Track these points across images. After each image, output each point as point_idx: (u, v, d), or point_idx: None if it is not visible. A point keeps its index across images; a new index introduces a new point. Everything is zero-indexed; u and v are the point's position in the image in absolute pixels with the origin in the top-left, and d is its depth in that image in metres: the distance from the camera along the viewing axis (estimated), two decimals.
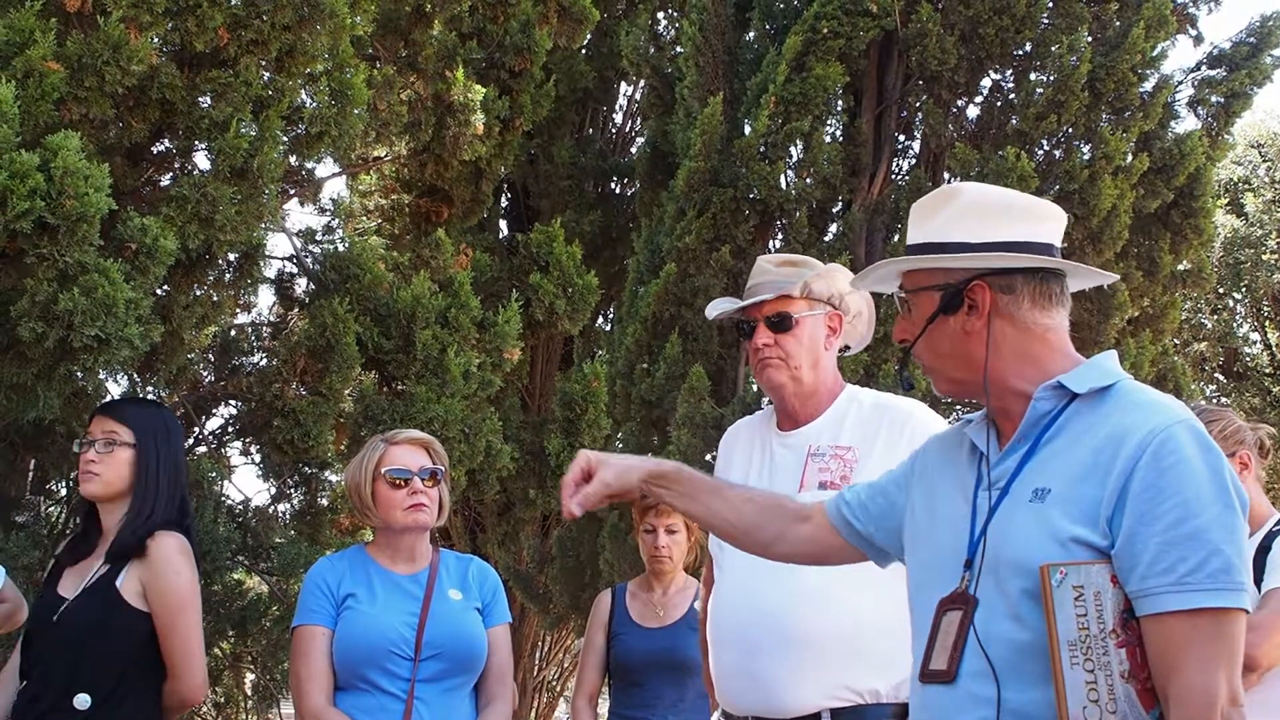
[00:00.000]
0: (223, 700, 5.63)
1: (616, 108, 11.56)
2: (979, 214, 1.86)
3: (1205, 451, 1.66)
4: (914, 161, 8.88)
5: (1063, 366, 1.83)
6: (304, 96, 4.82)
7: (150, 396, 5.14)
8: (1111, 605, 1.64)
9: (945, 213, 1.88)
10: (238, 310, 5.55)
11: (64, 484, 5.26)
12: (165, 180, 4.79)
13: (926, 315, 1.86)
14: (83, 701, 2.81)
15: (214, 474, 5.03)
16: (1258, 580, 2.92)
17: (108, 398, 5.08)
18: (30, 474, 5.10)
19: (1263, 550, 2.97)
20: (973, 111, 8.75)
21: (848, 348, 2.94)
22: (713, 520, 2.18)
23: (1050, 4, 8.06)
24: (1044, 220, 1.90)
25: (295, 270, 5.71)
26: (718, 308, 2.90)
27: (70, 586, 2.94)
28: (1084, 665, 1.62)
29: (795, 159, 8.17)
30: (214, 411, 5.70)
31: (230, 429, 5.61)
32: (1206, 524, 1.61)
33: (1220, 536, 1.61)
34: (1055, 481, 1.72)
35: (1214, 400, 14.33)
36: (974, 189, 1.92)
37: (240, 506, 5.38)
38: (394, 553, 3.14)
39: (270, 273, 5.63)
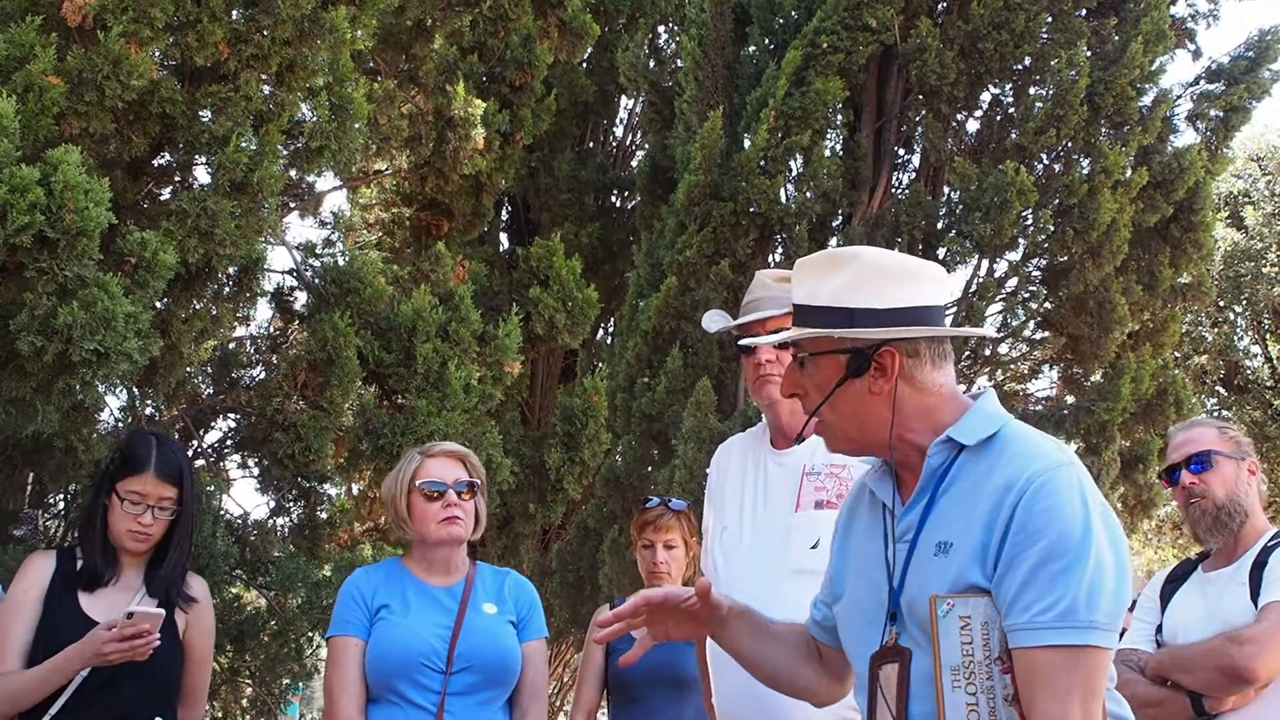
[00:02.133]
0: (220, 715, 5.61)
1: (617, 121, 11.59)
2: (879, 279, 1.90)
3: (1077, 496, 1.75)
4: (914, 175, 8.90)
5: (953, 414, 1.90)
6: (304, 111, 4.83)
7: (149, 410, 5.14)
8: (997, 635, 1.75)
9: (843, 276, 1.90)
10: (237, 324, 5.55)
11: (62, 498, 5.25)
12: (165, 194, 4.79)
13: (830, 378, 1.91)
14: None
15: (212, 488, 5.02)
16: (1255, 595, 2.92)
17: (106, 412, 5.08)
18: (28, 487, 5.08)
19: (1258, 565, 2.96)
20: (972, 126, 8.78)
21: None
22: (759, 664, 2.18)
23: (1049, 19, 8.09)
24: (937, 282, 1.95)
25: (295, 284, 5.72)
26: (716, 321, 2.90)
27: (102, 613, 2.96)
28: (965, 689, 1.74)
29: (795, 173, 8.19)
30: (213, 425, 5.68)
31: (229, 442, 5.60)
32: (1066, 566, 1.70)
33: (1075, 578, 1.69)
34: (954, 535, 1.81)
35: (1215, 414, 14.32)
36: (870, 253, 1.95)
37: (239, 520, 5.36)
38: (429, 565, 3.12)
39: (270, 286, 5.63)
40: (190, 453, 5.46)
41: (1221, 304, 14.33)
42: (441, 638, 2.99)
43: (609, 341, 11.10)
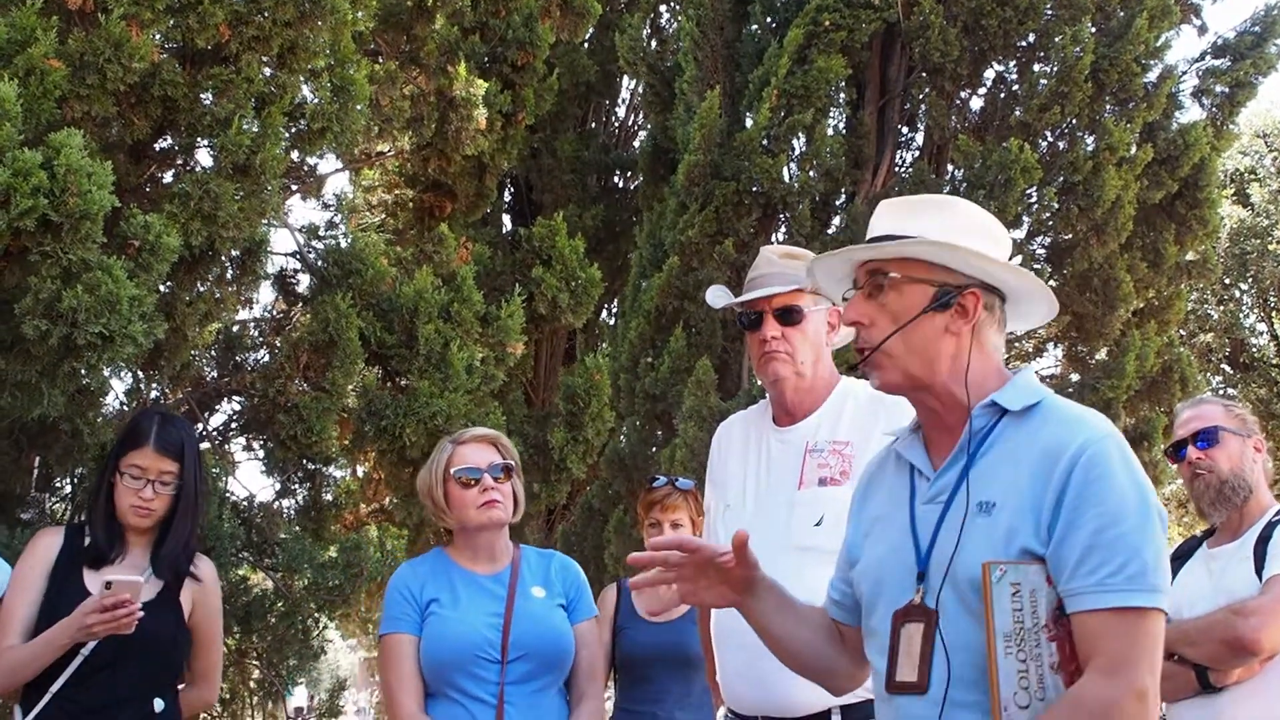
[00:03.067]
0: (228, 696, 5.63)
1: (619, 101, 11.57)
2: (980, 229, 1.97)
3: (1128, 465, 1.79)
4: (917, 154, 8.88)
5: (997, 383, 1.93)
6: (306, 92, 4.82)
7: (154, 393, 5.15)
8: (1045, 603, 1.76)
9: (947, 217, 1.96)
10: (240, 306, 5.55)
11: (69, 481, 5.27)
12: (168, 177, 4.79)
13: (912, 307, 1.92)
14: (159, 705, 3.05)
15: (217, 470, 5.03)
16: (1259, 569, 2.93)
17: (111, 395, 5.09)
18: (35, 471, 5.10)
19: (1263, 540, 2.98)
20: (976, 103, 8.75)
21: None
22: (783, 643, 2.15)
23: None
24: (1007, 251, 2.03)
25: (298, 266, 5.72)
26: (721, 297, 2.89)
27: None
28: (1017, 655, 1.75)
29: (798, 152, 8.17)
30: (217, 408, 5.70)
31: (234, 425, 5.61)
32: (1127, 531, 1.73)
33: (1139, 542, 1.73)
34: (999, 495, 1.82)
35: (1220, 392, 14.31)
36: (968, 204, 2.02)
37: (244, 502, 5.38)
38: (474, 553, 3.09)
39: (272, 269, 5.63)
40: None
41: (1227, 281, 14.30)
42: (494, 627, 2.96)
43: (612, 322, 11.10)
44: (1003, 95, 8.43)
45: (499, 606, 3.00)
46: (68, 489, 5.30)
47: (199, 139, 4.51)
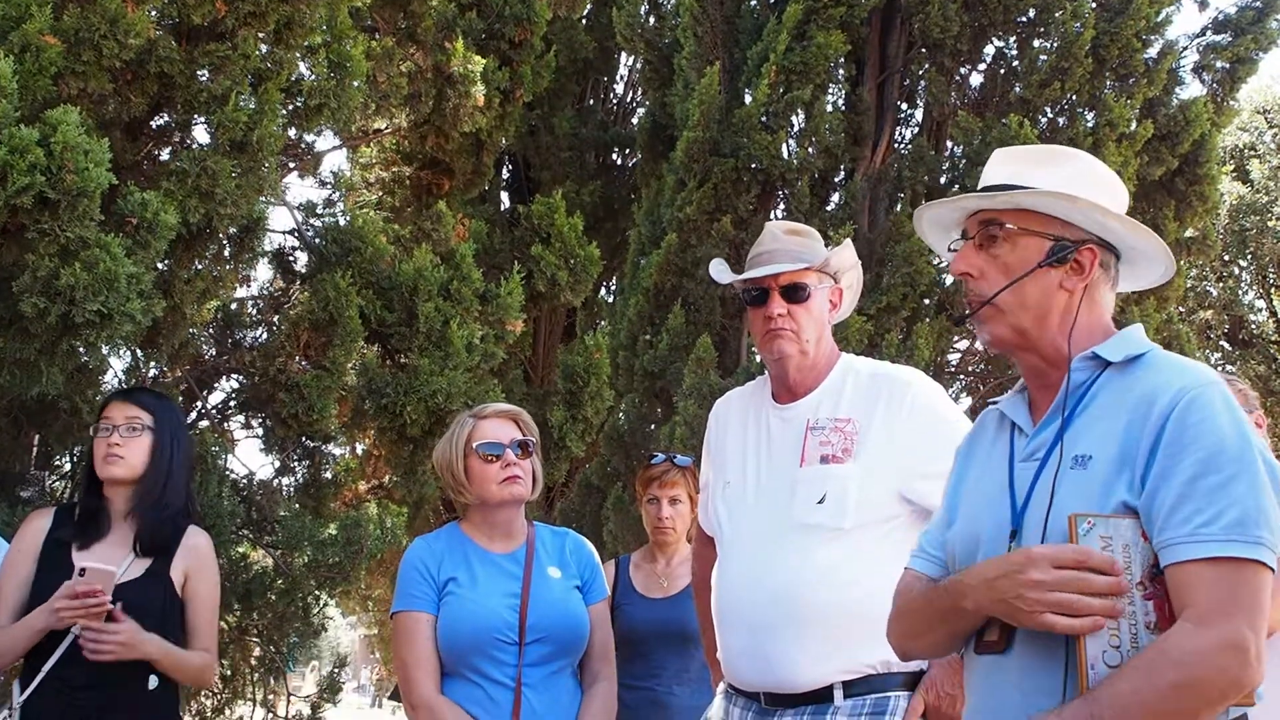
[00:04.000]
0: (229, 673, 5.66)
1: (617, 78, 11.50)
2: (1099, 184, 1.90)
3: (1231, 412, 1.70)
4: (916, 130, 8.84)
5: (1102, 339, 1.88)
6: (303, 69, 4.80)
7: (152, 371, 5.15)
8: (1140, 559, 1.67)
9: (1065, 170, 1.90)
10: (238, 284, 5.54)
11: (68, 459, 5.27)
12: (165, 154, 4.78)
13: (1027, 261, 1.87)
14: (153, 682, 3.04)
15: (217, 448, 5.04)
16: None
17: (110, 373, 5.09)
18: (34, 449, 5.11)
19: None
20: (976, 79, 8.71)
21: None
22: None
23: None
24: (1126, 205, 1.96)
25: (296, 244, 5.71)
26: (725, 273, 2.87)
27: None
28: None
29: (797, 128, 8.13)
30: (216, 386, 5.70)
31: (233, 403, 5.62)
32: (1226, 480, 1.64)
33: (1239, 491, 1.64)
34: (1094, 448, 1.75)
35: (1219, 368, 14.31)
36: (1087, 156, 1.95)
37: (244, 480, 5.38)
38: (490, 530, 3.06)
39: (270, 246, 5.62)
40: (194, 414, 5.48)
41: (1226, 258, 14.29)
42: (512, 609, 2.93)
43: (611, 299, 11.09)
44: (1003, 71, 8.39)
45: (516, 587, 2.97)
46: (67, 467, 5.31)
47: (196, 116, 4.50)
